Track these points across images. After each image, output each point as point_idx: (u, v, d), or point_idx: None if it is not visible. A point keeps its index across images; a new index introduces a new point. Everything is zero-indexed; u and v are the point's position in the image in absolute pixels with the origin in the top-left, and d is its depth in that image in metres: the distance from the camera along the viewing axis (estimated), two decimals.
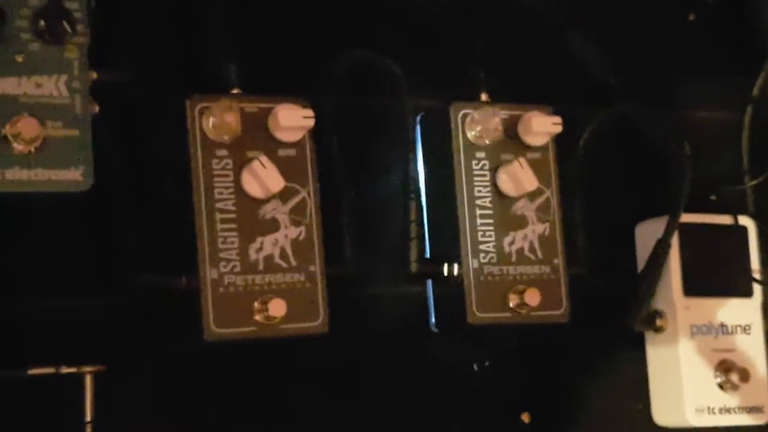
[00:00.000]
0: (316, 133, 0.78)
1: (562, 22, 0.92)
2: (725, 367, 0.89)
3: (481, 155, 0.83)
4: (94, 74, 0.72)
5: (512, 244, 0.83)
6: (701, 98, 0.97)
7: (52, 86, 0.71)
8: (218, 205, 0.75)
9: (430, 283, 0.85)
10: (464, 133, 0.83)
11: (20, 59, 0.70)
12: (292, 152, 0.78)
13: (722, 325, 0.91)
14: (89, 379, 0.74)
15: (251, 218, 0.76)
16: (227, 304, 0.75)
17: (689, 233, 0.90)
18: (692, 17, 0.99)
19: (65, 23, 0.70)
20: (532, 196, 0.84)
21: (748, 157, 0.97)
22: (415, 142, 0.86)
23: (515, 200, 0.84)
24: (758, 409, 0.90)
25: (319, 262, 0.78)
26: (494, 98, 0.86)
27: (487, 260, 0.82)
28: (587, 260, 0.88)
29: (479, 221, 0.83)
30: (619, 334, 0.90)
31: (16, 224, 0.74)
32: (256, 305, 0.75)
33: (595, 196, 0.90)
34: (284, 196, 0.77)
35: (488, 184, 0.83)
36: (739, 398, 0.89)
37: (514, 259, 0.83)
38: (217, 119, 0.75)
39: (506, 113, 0.84)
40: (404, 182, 0.85)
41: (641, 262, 0.91)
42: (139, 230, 0.76)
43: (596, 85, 0.93)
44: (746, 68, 0.98)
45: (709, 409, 0.89)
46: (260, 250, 0.76)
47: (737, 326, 0.91)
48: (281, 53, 0.83)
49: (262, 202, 0.76)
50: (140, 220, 0.76)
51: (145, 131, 0.78)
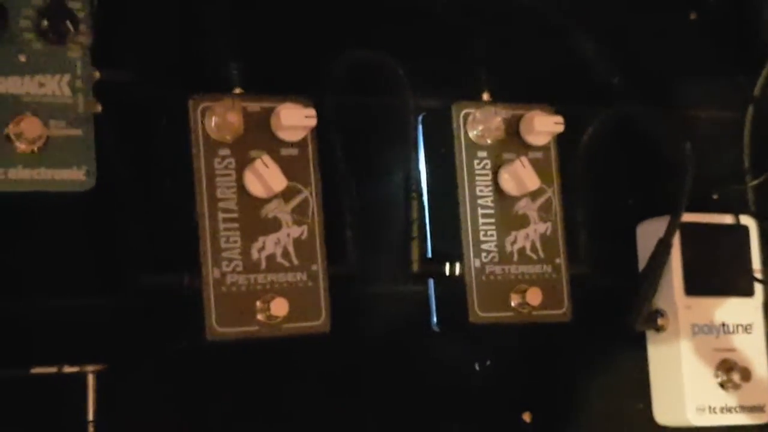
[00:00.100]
0: (318, 132, 0.79)
1: (563, 21, 0.92)
2: (726, 366, 0.89)
3: (482, 154, 0.83)
4: (96, 74, 0.72)
5: (514, 243, 0.83)
6: (702, 98, 0.97)
7: (54, 86, 0.71)
8: (221, 204, 0.75)
9: (431, 282, 0.85)
10: (466, 132, 0.83)
11: (23, 59, 0.70)
12: (294, 152, 0.78)
13: (723, 324, 0.91)
14: (91, 378, 0.74)
15: (253, 217, 0.76)
16: (229, 303, 0.75)
17: (690, 233, 0.90)
18: (693, 17, 0.99)
19: (68, 23, 0.70)
20: (533, 195, 0.84)
21: (749, 156, 0.97)
22: (416, 141, 0.86)
23: (517, 199, 0.84)
24: (759, 408, 0.90)
25: (321, 261, 0.78)
26: (496, 98, 0.86)
27: (488, 259, 0.82)
28: (589, 260, 0.88)
29: (481, 220, 0.83)
30: (620, 333, 0.90)
31: (19, 224, 0.74)
32: (258, 304, 0.75)
33: (596, 195, 0.90)
34: (286, 195, 0.77)
35: (490, 183, 0.83)
36: (740, 397, 0.89)
37: (515, 258, 0.83)
38: (219, 119, 0.75)
39: (508, 113, 0.84)
40: (406, 182, 0.85)
41: (642, 261, 0.91)
42: (141, 229, 0.76)
43: (598, 84, 0.93)
44: (747, 68, 0.98)
45: (710, 408, 0.89)
46: (262, 249, 0.76)
47: (738, 326, 0.91)
48: (283, 53, 0.83)
49: (264, 201, 0.76)
50: (143, 219, 0.76)
51: (147, 131, 0.78)
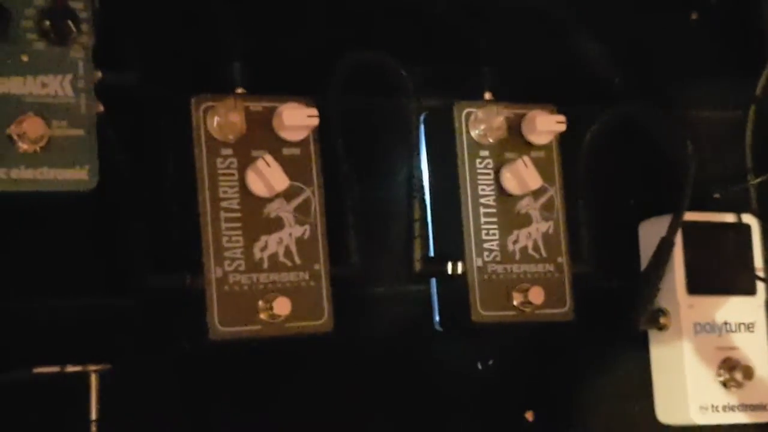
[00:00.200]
0: (320, 132, 0.79)
1: (565, 21, 0.92)
2: (729, 365, 0.89)
3: (485, 154, 0.83)
4: (99, 74, 0.72)
5: (516, 242, 0.83)
6: (704, 97, 0.97)
7: (57, 86, 0.71)
8: (223, 203, 0.75)
9: (434, 281, 0.85)
10: (468, 132, 0.83)
11: (25, 59, 0.70)
12: (296, 151, 0.78)
13: (726, 323, 0.91)
14: (94, 377, 0.74)
15: (256, 217, 0.76)
16: (232, 302, 0.75)
17: (693, 231, 0.90)
18: (695, 16, 0.99)
19: (70, 23, 0.70)
20: (536, 194, 0.84)
21: (751, 155, 0.97)
22: (419, 141, 0.86)
23: (519, 199, 0.84)
24: (762, 406, 0.90)
25: (323, 260, 0.78)
26: (498, 97, 0.86)
27: (491, 258, 0.82)
28: (591, 258, 0.88)
29: (483, 220, 0.83)
30: (622, 332, 0.90)
31: (21, 224, 0.74)
32: (260, 304, 0.75)
33: (598, 194, 0.90)
34: (289, 194, 0.77)
35: (492, 182, 0.83)
36: (742, 396, 0.89)
37: (518, 257, 0.83)
38: (221, 118, 0.75)
39: (510, 112, 0.84)
40: (408, 181, 0.85)
41: (645, 260, 0.91)
42: (143, 229, 0.76)
43: (600, 84, 0.93)
44: (749, 67, 0.98)
45: (712, 407, 0.89)
46: (265, 248, 0.76)
47: (741, 324, 0.91)
48: (286, 53, 0.83)
49: (266, 200, 0.76)
50: (145, 218, 0.76)
51: (149, 130, 0.78)
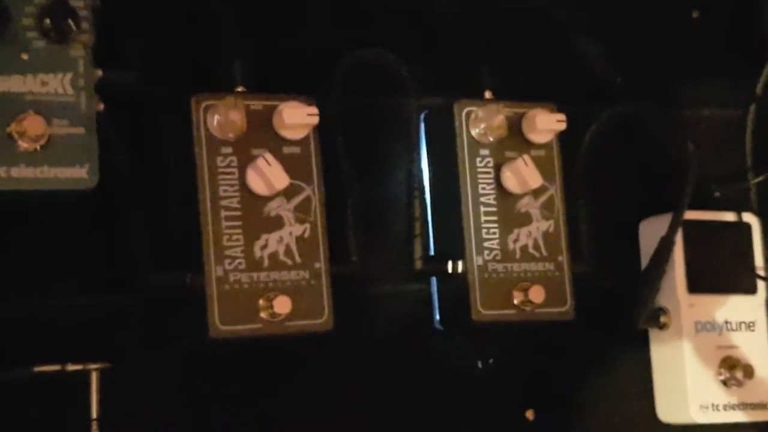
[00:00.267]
0: (320, 130, 0.79)
1: (565, 20, 0.92)
2: (729, 363, 0.89)
3: (485, 153, 0.83)
4: (99, 72, 0.72)
5: (516, 241, 0.83)
6: (705, 96, 0.97)
7: (57, 84, 0.71)
8: (223, 202, 0.75)
9: (434, 280, 0.85)
10: (468, 130, 0.83)
11: (25, 57, 0.70)
12: (296, 150, 0.78)
13: (726, 322, 0.91)
14: (95, 376, 0.74)
15: (256, 216, 0.76)
16: (232, 301, 0.75)
17: (693, 230, 0.90)
18: (696, 15, 0.99)
19: (70, 21, 0.70)
20: (536, 193, 0.84)
21: (751, 154, 0.97)
22: (419, 139, 0.86)
23: (519, 197, 0.84)
24: (762, 405, 0.90)
25: (323, 259, 0.78)
26: (498, 96, 0.86)
27: (491, 257, 0.82)
28: (591, 257, 0.88)
29: (483, 218, 0.83)
30: (623, 331, 0.90)
31: (21, 222, 0.74)
32: (261, 302, 0.75)
33: (599, 193, 0.90)
34: (289, 193, 0.77)
35: (492, 181, 0.83)
36: (743, 395, 0.89)
37: (518, 256, 0.83)
38: (222, 117, 0.75)
39: (510, 111, 0.84)
40: (408, 180, 0.85)
41: (645, 259, 0.91)
42: (143, 228, 0.76)
43: (600, 83, 0.93)
44: (750, 66, 0.98)
45: (713, 405, 0.89)
46: (265, 247, 0.76)
47: (741, 323, 0.91)
48: (286, 51, 0.83)
49: (266, 199, 0.76)
50: (145, 217, 0.76)
51: (150, 129, 0.78)
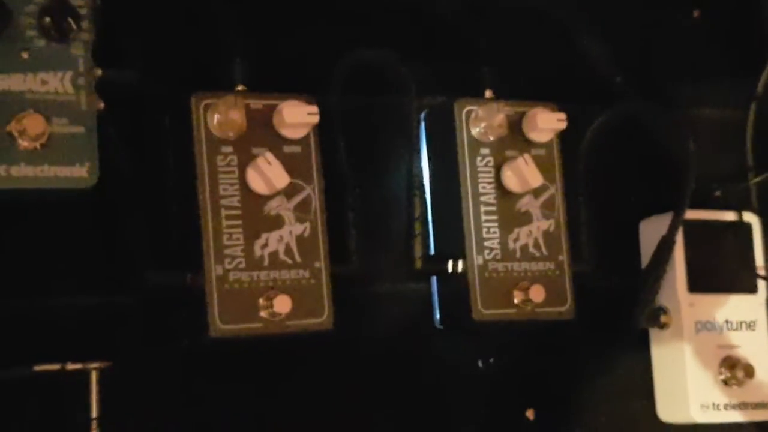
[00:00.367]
0: (320, 129, 0.79)
1: (565, 19, 0.92)
2: (730, 363, 0.89)
3: (485, 152, 0.83)
4: (99, 71, 0.72)
5: (517, 240, 0.83)
6: (705, 95, 0.97)
7: (57, 83, 0.71)
8: (223, 201, 0.75)
9: (434, 279, 0.85)
10: (469, 129, 0.83)
11: (25, 56, 0.70)
12: (297, 149, 0.78)
13: (727, 321, 0.91)
14: (95, 375, 0.74)
15: (256, 215, 0.76)
16: (232, 300, 0.75)
17: (693, 230, 0.90)
18: (696, 14, 0.99)
19: (70, 20, 0.70)
20: (536, 192, 0.84)
21: (752, 153, 0.97)
22: (419, 138, 0.86)
23: (520, 197, 0.84)
24: (763, 405, 0.90)
25: (323, 258, 0.78)
26: (498, 95, 0.86)
27: (491, 257, 0.82)
28: (592, 257, 0.88)
29: (484, 218, 0.83)
30: (623, 330, 0.90)
31: (21, 221, 0.74)
32: (261, 302, 0.75)
33: (599, 192, 0.90)
34: (289, 192, 0.77)
35: (493, 180, 0.83)
36: (743, 394, 0.89)
37: (518, 255, 0.83)
38: (222, 116, 0.75)
39: (511, 110, 0.84)
40: (408, 179, 0.85)
41: (645, 258, 0.91)
42: (143, 227, 0.76)
43: (601, 82, 0.92)
44: (750, 65, 0.98)
45: (713, 405, 0.89)
46: (265, 246, 0.76)
47: (742, 322, 0.91)
48: (286, 50, 0.83)
49: (266, 198, 0.76)
50: (145, 216, 0.76)
51: (150, 128, 0.78)
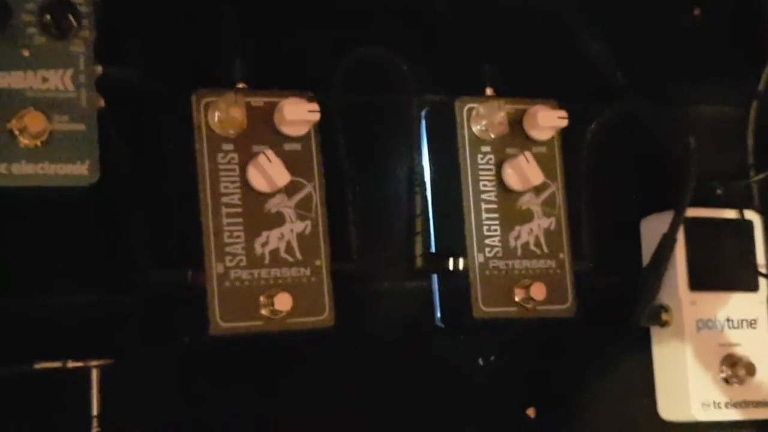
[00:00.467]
0: (321, 127, 0.78)
1: (566, 17, 0.92)
2: (731, 361, 0.89)
3: (486, 149, 0.83)
4: (99, 68, 0.72)
5: (518, 238, 0.83)
6: (706, 93, 0.97)
7: (58, 80, 0.71)
8: (224, 199, 0.75)
9: (435, 277, 0.85)
10: (469, 127, 0.83)
11: (26, 53, 0.70)
12: (297, 146, 0.78)
13: (728, 319, 0.91)
14: (96, 373, 0.74)
15: (257, 212, 0.76)
16: (233, 298, 0.75)
17: (695, 228, 0.90)
18: (697, 12, 0.98)
19: (71, 17, 0.70)
20: (537, 190, 0.84)
21: (753, 151, 0.97)
22: (420, 136, 0.86)
23: (521, 194, 0.84)
24: (764, 403, 0.90)
25: (324, 256, 0.78)
26: (499, 93, 0.85)
27: (492, 254, 0.82)
28: (593, 255, 0.88)
29: (485, 215, 0.83)
30: (624, 328, 0.90)
31: (22, 219, 0.74)
32: (261, 299, 0.75)
33: (600, 190, 0.89)
34: (290, 190, 0.77)
35: (494, 178, 0.83)
36: (744, 393, 0.89)
37: (519, 253, 0.83)
38: (222, 113, 0.75)
39: (511, 107, 0.84)
40: (409, 177, 0.85)
41: (647, 256, 0.90)
42: (144, 225, 0.76)
43: (602, 79, 0.92)
44: (751, 63, 0.98)
45: (714, 403, 0.89)
46: (266, 244, 0.76)
47: (743, 321, 0.91)
48: (287, 48, 0.83)
49: (267, 196, 0.76)
50: (146, 214, 0.76)
51: (150, 125, 0.78)
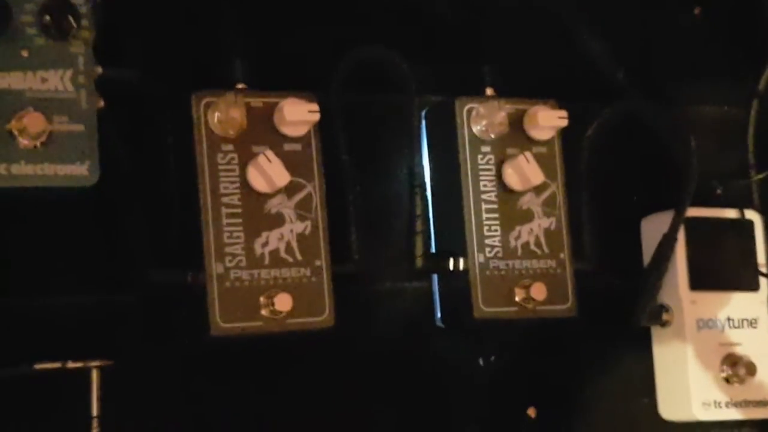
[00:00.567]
0: (321, 127, 0.78)
1: (567, 17, 0.92)
2: (732, 361, 0.89)
3: (486, 150, 0.83)
4: (99, 69, 0.72)
5: (518, 238, 0.83)
6: (707, 93, 0.97)
7: (57, 81, 0.71)
8: (224, 199, 0.75)
9: (435, 277, 0.85)
10: (470, 127, 0.83)
11: (26, 54, 0.70)
12: (297, 147, 0.78)
13: (728, 319, 0.90)
14: (95, 373, 0.74)
15: (257, 213, 0.76)
16: (233, 298, 0.75)
17: (695, 227, 0.90)
18: (697, 12, 0.98)
19: (70, 18, 0.70)
20: (537, 190, 0.84)
21: (753, 151, 0.97)
22: (420, 136, 0.85)
23: (521, 194, 0.84)
24: (765, 403, 0.90)
25: (324, 256, 0.78)
26: (499, 93, 0.85)
27: (492, 254, 0.82)
28: (593, 255, 0.88)
29: (485, 216, 0.83)
30: (625, 328, 0.90)
31: (22, 220, 0.74)
32: (262, 300, 0.75)
33: (600, 190, 0.89)
34: (290, 190, 0.77)
35: (494, 178, 0.83)
36: (745, 392, 0.89)
37: (519, 253, 0.83)
38: (222, 114, 0.75)
39: (512, 107, 0.84)
40: (410, 177, 0.85)
41: (647, 256, 0.90)
42: (144, 225, 0.76)
43: (602, 79, 0.92)
44: (752, 63, 0.98)
45: (715, 403, 0.89)
46: (266, 244, 0.76)
47: (744, 320, 0.91)
48: (287, 48, 0.83)
49: (267, 196, 0.76)
50: (146, 215, 0.76)
51: (150, 126, 0.78)
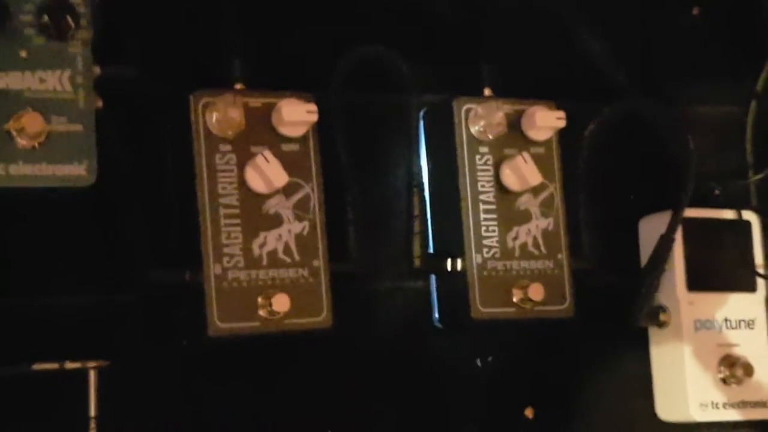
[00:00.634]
0: (319, 128, 0.78)
1: (565, 17, 0.92)
2: (729, 361, 0.89)
3: (484, 150, 0.83)
4: (97, 69, 0.72)
5: (516, 239, 0.83)
6: (705, 93, 0.97)
7: (55, 81, 0.71)
8: (222, 200, 0.75)
9: (433, 278, 0.85)
10: (468, 127, 0.83)
11: (24, 54, 0.70)
12: (295, 147, 0.78)
13: (726, 320, 0.91)
14: (93, 374, 0.74)
15: (255, 213, 0.76)
16: (231, 299, 0.75)
17: (693, 228, 0.90)
18: (696, 12, 0.98)
19: (69, 18, 0.70)
20: (535, 190, 0.84)
21: (751, 151, 0.97)
22: (418, 137, 0.86)
23: (519, 195, 0.84)
24: (762, 404, 0.90)
25: (322, 257, 0.78)
26: (497, 93, 0.85)
27: (490, 255, 0.82)
28: (591, 255, 0.88)
29: (483, 216, 0.83)
30: (622, 329, 0.90)
31: (20, 220, 0.74)
32: (259, 300, 0.75)
33: (598, 190, 0.89)
34: (288, 191, 0.77)
35: (492, 178, 0.83)
36: (742, 393, 0.89)
37: (517, 254, 0.83)
38: (220, 114, 0.75)
39: (510, 108, 0.84)
40: (408, 177, 0.85)
41: (645, 257, 0.90)
42: (143, 225, 0.76)
43: (600, 79, 0.92)
44: (750, 63, 0.98)
45: (712, 404, 0.89)
46: (264, 245, 0.76)
47: (741, 321, 0.91)
48: (287, 48, 0.83)
49: (265, 197, 0.76)
50: (144, 215, 0.76)
51: (148, 126, 0.78)
